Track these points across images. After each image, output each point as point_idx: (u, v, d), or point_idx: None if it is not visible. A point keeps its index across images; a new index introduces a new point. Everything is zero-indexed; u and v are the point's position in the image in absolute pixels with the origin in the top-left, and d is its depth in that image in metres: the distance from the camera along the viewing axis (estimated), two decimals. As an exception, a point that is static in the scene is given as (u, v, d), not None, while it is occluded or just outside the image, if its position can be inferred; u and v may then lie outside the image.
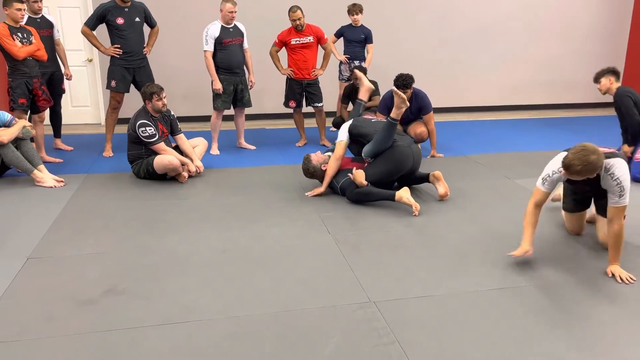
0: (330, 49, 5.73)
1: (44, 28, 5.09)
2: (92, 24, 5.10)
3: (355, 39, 6.01)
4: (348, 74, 6.11)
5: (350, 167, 4.09)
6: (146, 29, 5.31)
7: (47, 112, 5.26)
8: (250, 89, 5.54)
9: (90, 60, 6.72)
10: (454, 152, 5.51)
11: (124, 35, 5.10)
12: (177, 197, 4.16)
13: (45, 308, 2.55)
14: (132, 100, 5.72)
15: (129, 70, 5.20)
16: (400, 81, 4.79)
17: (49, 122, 5.49)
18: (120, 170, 4.82)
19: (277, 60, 5.64)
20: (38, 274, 2.90)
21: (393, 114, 3.93)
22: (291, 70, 5.60)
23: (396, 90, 3.98)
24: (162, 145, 4.48)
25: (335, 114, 6.36)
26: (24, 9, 4.66)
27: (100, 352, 2.23)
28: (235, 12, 5.19)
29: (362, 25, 6.01)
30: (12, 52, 4.57)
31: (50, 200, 4.04)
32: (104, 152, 5.40)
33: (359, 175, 3.89)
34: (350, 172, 3.98)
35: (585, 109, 8.09)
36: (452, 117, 7.43)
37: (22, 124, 4.40)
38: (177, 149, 4.70)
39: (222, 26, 5.22)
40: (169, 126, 4.69)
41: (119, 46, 5.11)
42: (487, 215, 3.76)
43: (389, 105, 4.33)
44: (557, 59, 7.91)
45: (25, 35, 4.69)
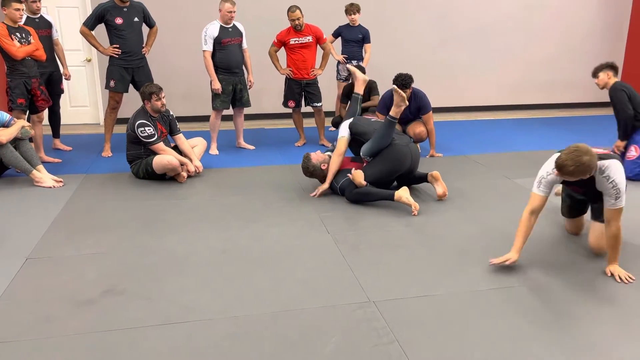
0: (329, 48, 5.73)
1: (43, 28, 5.08)
2: (90, 24, 5.10)
3: (353, 39, 6.01)
4: (346, 74, 6.10)
5: (350, 167, 4.08)
6: (145, 29, 5.31)
7: (45, 112, 5.26)
8: (249, 88, 5.54)
9: (89, 60, 6.71)
10: (453, 152, 5.51)
11: (122, 35, 5.10)
12: (176, 197, 4.16)
13: (44, 308, 2.55)
14: (131, 100, 5.72)
15: (127, 70, 5.20)
16: (400, 81, 4.79)
17: (48, 122, 5.49)
18: (119, 171, 4.81)
19: (276, 60, 5.64)
20: (37, 274, 2.90)
21: (392, 113, 3.93)
22: (290, 70, 5.60)
23: (396, 88, 3.98)
24: (161, 145, 4.47)
25: (334, 113, 6.36)
26: (22, 9, 4.65)
27: (100, 352, 2.23)
28: (234, 12, 5.19)
29: (359, 25, 6.01)
30: (11, 52, 4.57)
31: (49, 200, 4.03)
32: (102, 152, 5.40)
33: (357, 176, 3.89)
34: (349, 173, 3.98)
35: (584, 109, 8.10)
36: (451, 116, 7.43)
37: (20, 124, 4.40)
38: (176, 149, 4.70)
39: (221, 26, 5.22)
40: (168, 126, 4.68)
41: (117, 46, 5.11)
42: (487, 215, 3.76)
43: (388, 105, 4.33)
44: (556, 58, 7.91)
45: (23, 35, 4.69)
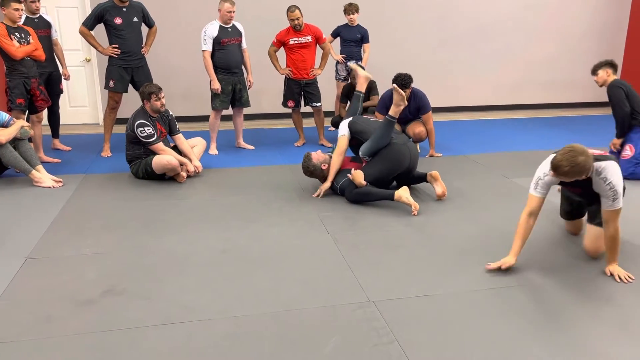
0: (328, 48, 5.74)
1: (42, 28, 5.08)
2: (90, 24, 5.09)
3: (352, 39, 6.01)
4: (345, 74, 6.11)
5: (350, 168, 4.09)
6: (144, 29, 5.30)
7: (45, 112, 5.26)
8: (249, 88, 5.54)
9: (88, 60, 6.71)
10: (452, 152, 5.52)
11: (122, 35, 5.10)
12: (176, 197, 4.15)
13: (44, 308, 2.55)
14: (130, 100, 5.72)
15: (127, 70, 5.19)
16: (399, 81, 4.79)
17: (47, 122, 5.49)
18: (119, 171, 4.81)
19: (276, 60, 5.64)
20: (37, 274, 2.90)
21: (391, 112, 3.93)
22: (289, 70, 5.60)
23: (395, 86, 3.98)
24: (160, 145, 4.47)
25: (333, 113, 6.36)
26: (21, 9, 4.65)
27: (100, 352, 2.23)
28: (233, 12, 5.19)
29: (358, 24, 6.01)
30: (10, 52, 4.56)
31: (48, 200, 4.03)
32: (102, 152, 5.39)
33: (357, 176, 3.89)
34: (349, 173, 3.98)
35: (583, 108, 8.10)
36: (451, 116, 7.43)
37: (20, 124, 4.40)
38: (176, 149, 4.70)
39: (220, 26, 5.22)
40: (168, 126, 4.68)
41: (117, 46, 5.11)
42: (486, 215, 3.76)
43: (388, 104, 4.33)
44: (555, 58, 7.92)
45: (23, 35, 4.68)
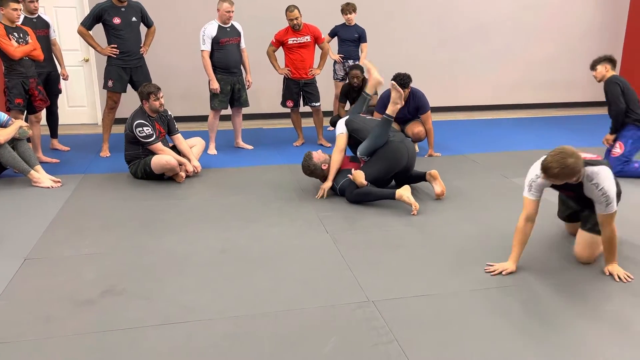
0: (327, 48, 5.74)
1: (40, 28, 5.07)
2: (88, 23, 5.09)
3: (349, 38, 6.01)
4: (342, 74, 6.12)
5: (349, 168, 4.08)
6: (143, 29, 5.30)
7: (43, 113, 5.25)
8: (248, 88, 5.54)
9: (87, 60, 6.70)
10: (451, 151, 5.52)
11: (120, 35, 5.09)
12: (175, 197, 4.15)
13: (44, 309, 2.54)
14: (129, 100, 5.70)
15: (126, 70, 5.19)
16: (398, 80, 4.79)
17: (46, 123, 5.48)
18: (118, 171, 4.81)
19: (275, 60, 5.63)
20: (36, 274, 2.89)
21: (389, 110, 3.94)
22: (288, 70, 5.60)
23: (394, 83, 3.99)
24: (159, 145, 4.47)
25: (332, 113, 6.36)
26: (20, 9, 4.65)
27: (99, 352, 2.23)
28: (232, 11, 5.19)
29: (355, 24, 6.01)
30: (9, 52, 4.56)
31: (47, 200, 4.03)
32: (101, 152, 5.39)
33: (358, 176, 3.89)
34: (349, 173, 3.98)
35: (582, 108, 8.11)
36: (450, 116, 7.43)
37: (18, 124, 4.39)
38: (175, 149, 4.69)
39: (219, 26, 5.21)
40: (166, 126, 4.68)
41: (115, 46, 5.10)
42: (485, 214, 3.76)
43: (386, 104, 4.32)
44: (554, 58, 7.92)
45: (21, 35, 4.68)
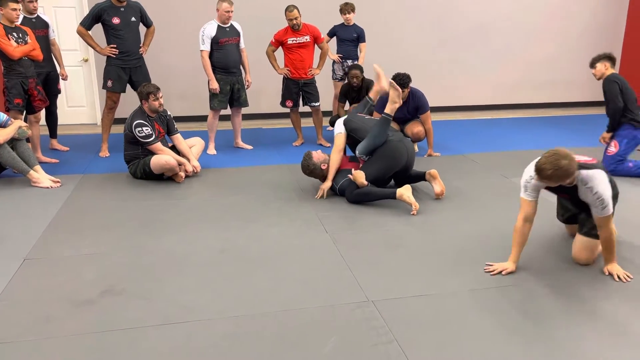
0: (327, 48, 5.74)
1: (40, 28, 5.07)
2: (87, 23, 5.08)
3: (348, 38, 6.02)
4: (341, 73, 6.12)
5: (349, 168, 4.08)
6: (142, 29, 5.29)
7: (42, 113, 5.25)
8: (247, 88, 5.54)
9: (86, 60, 6.70)
10: (451, 151, 5.52)
11: (120, 35, 5.09)
12: (175, 197, 4.15)
13: (43, 309, 2.54)
14: (128, 100, 5.70)
15: (125, 70, 5.18)
16: (397, 80, 4.79)
17: (45, 123, 5.48)
18: (117, 171, 4.80)
19: (274, 60, 5.63)
20: (35, 274, 2.89)
21: (387, 109, 3.95)
22: (288, 70, 5.60)
23: (392, 82, 4.00)
24: (158, 145, 4.47)
25: (331, 113, 6.36)
26: (19, 9, 4.64)
27: (99, 352, 2.22)
28: (231, 11, 5.18)
29: (354, 24, 6.02)
30: (8, 52, 4.55)
31: (46, 200, 4.02)
32: (100, 152, 5.39)
33: (359, 176, 3.88)
34: (349, 173, 3.97)
35: (582, 108, 8.12)
36: (450, 116, 7.44)
37: (17, 124, 4.38)
38: (174, 149, 4.69)
39: (218, 26, 5.21)
40: (166, 126, 4.67)
41: (115, 46, 5.10)
42: (485, 214, 3.77)
43: (385, 103, 4.34)
44: (554, 58, 7.93)
45: (20, 35, 4.67)
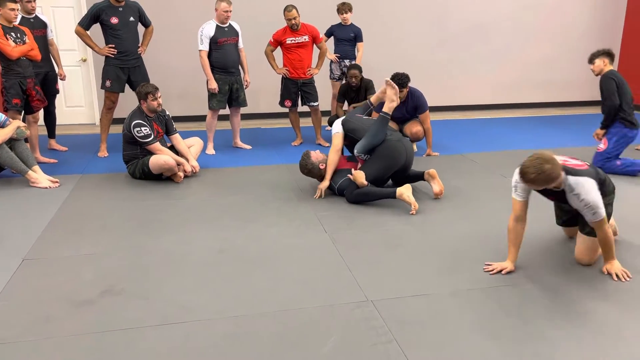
0: (325, 48, 5.74)
1: (38, 28, 5.06)
2: (86, 23, 5.08)
3: (345, 38, 6.03)
4: (339, 73, 6.13)
5: (348, 168, 4.08)
6: (141, 29, 5.29)
7: (41, 113, 5.25)
8: (246, 88, 5.54)
9: (85, 60, 6.69)
10: (450, 151, 5.52)
11: (118, 35, 5.08)
12: (173, 197, 4.15)
13: (42, 309, 2.54)
14: (127, 100, 5.70)
15: (123, 70, 5.18)
16: (396, 80, 4.78)
17: (43, 123, 5.47)
18: (116, 171, 4.80)
19: (273, 60, 5.63)
20: (34, 274, 2.89)
21: (385, 108, 3.95)
22: (286, 70, 5.60)
23: (389, 80, 4.00)
24: (157, 145, 4.46)
25: (330, 113, 6.36)
26: (17, 9, 4.63)
27: (98, 352, 2.22)
28: (230, 11, 5.18)
29: (351, 23, 6.03)
30: (6, 52, 4.55)
31: (45, 200, 4.02)
32: (99, 152, 5.38)
33: (359, 176, 3.87)
34: (348, 173, 3.97)
35: (580, 107, 8.13)
36: (448, 115, 7.44)
37: (16, 124, 4.38)
38: (173, 148, 4.69)
39: (217, 25, 5.21)
40: (164, 126, 4.67)
41: (113, 46, 5.09)
42: (484, 214, 3.77)
43: (383, 103, 4.35)
44: (553, 58, 7.94)
45: (18, 35, 4.67)
